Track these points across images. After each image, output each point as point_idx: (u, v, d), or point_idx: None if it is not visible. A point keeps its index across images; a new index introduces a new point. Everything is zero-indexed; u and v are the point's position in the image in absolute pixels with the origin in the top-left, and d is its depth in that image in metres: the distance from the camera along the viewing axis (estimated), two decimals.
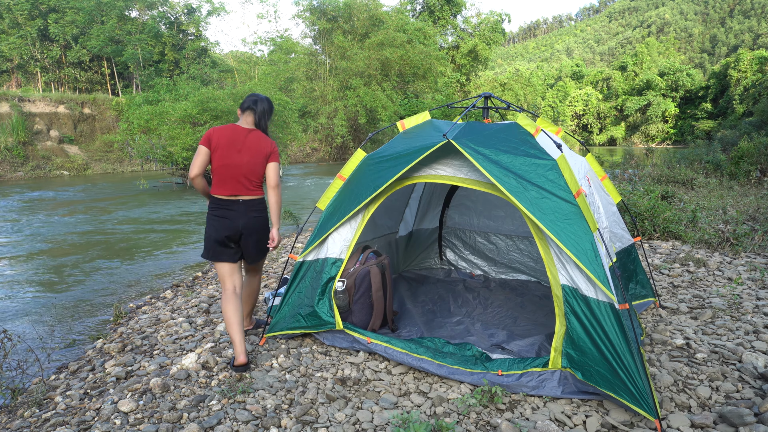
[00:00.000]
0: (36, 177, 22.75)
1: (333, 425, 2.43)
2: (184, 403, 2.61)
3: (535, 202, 2.61)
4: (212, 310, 4.19)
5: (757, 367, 2.84)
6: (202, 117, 17.31)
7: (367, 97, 29.53)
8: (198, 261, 6.78)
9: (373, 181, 3.11)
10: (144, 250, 7.52)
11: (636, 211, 6.40)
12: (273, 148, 3.06)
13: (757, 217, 6.94)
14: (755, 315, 3.68)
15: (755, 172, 11.33)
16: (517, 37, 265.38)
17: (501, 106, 3.72)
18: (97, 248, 7.75)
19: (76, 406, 2.73)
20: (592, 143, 67.98)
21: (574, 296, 2.55)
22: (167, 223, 10.12)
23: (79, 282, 5.86)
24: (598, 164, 3.72)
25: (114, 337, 3.89)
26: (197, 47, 34.26)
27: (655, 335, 3.35)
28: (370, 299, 3.38)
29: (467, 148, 2.79)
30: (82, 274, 6.20)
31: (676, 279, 4.69)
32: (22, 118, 24.71)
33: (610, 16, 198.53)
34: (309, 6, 33.06)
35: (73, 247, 7.84)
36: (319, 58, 34.39)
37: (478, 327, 3.57)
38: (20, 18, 29.10)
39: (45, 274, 6.24)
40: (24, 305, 5.05)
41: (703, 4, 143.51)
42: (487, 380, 2.67)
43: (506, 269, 4.93)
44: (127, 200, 14.01)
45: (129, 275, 6.14)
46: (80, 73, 32.29)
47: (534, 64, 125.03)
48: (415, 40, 33.28)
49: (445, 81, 37.00)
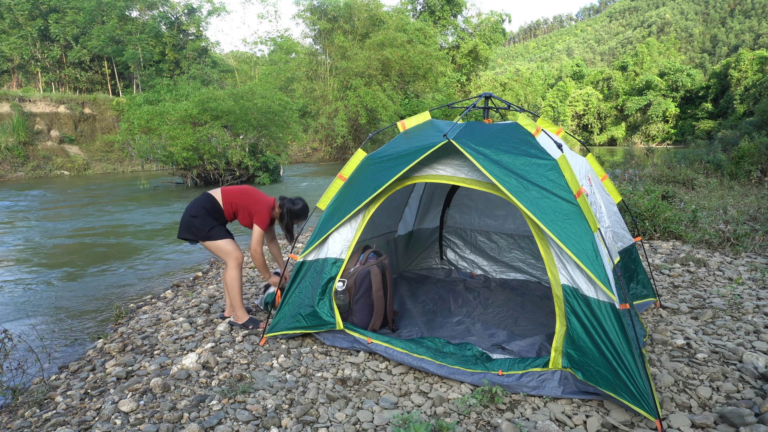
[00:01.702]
0: (36, 177, 22.77)
1: (333, 425, 2.43)
2: (185, 403, 2.61)
3: (536, 201, 2.61)
4: (212, 310, 4.19)
5: (758, 367, 2.84)
6: (203, 117, 17.32)
7: (368, 97, 29.53)
8: (198, 261, 6.78)
9: (374, 181, 3.11)
10: (144, 250, 7.52)
11: (636, 211, 6.40)
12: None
13: (758, 217, 6.94)
14: (756, 315, 3.68)
15: (756, 172, 11.32)
16: (517, 37, 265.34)
17: (501, 106, 3.72)
18: (97, 248, 7.75)
19: (76, 405, 2.73)
20: (593, 143, 67.96)
21: (574, 296, 2.55)
22: (167, 223, 10.13)
23: (79, 282, 5.87)
24: (598, 164, 3.72)
25: (114, 337, 3.89)
26: (198, 47, 34.28)
27: (656, 335, 3.34)
28: (370, 299, 3.38)
29: (468, 148, 2.79)
30: (82, 274, 6.20)
31: (676, 279, 4.69)
32: (23, 118, 24.73)
33: (611, 16, 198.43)
34: (309, 6, 33.07)
35: (74, 247, 7.84)
36: (319, 58, 34.39)
37: (478, 327, 3.57)
38: (21, 18, 29.11)
39: (45, 274, 6.24)
40: (24, 305, 5.05)
41: (703, 4, 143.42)
42: (488, 380, 2.67)
43: (507, 268, 4.93)
44: (128, 200, 14.02)
45: (129, 275, 6.14)
46: (81, 73, 32.31)
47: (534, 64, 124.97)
48: (415, 40, 33.26)
49: (446, 81, 36.99)
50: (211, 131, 16.50)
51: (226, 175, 17.70)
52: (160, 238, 8.49)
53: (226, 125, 17.72)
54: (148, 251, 7.46)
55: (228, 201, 3.64)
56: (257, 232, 3.56)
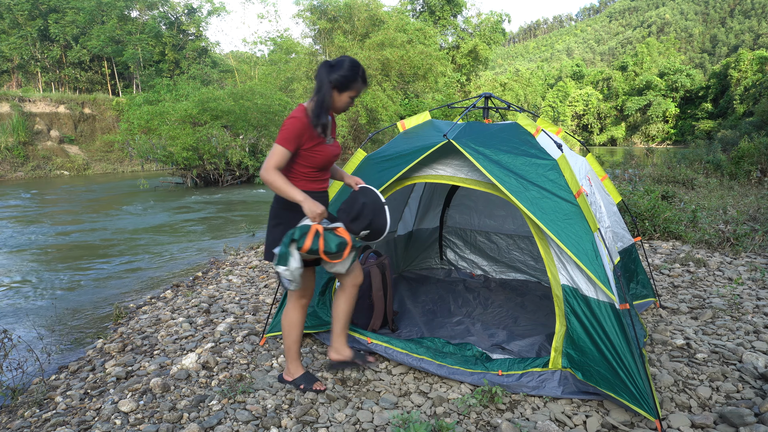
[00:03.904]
0: (36, 177, 22.77)
1: (333, 425, 2.43)
2: (185, 403, 2.61)
3: (536, 201, 2.61)
4: (212, 310, 4.19)
5: (758, 367, 2.84)
6: (203, 117, 17.33)
7: (368, 97, 29.53)
8: (198, 261, 6.78)
9: (374, 181, 3.11)
10: (144, 250, 7.52)
11: (636, 211, 6.40)
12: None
13: (758, 217, 6.94)
14: (755, 315, 3.68)
15: (755, 172, 11.32)
16: (517, 37, 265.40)
17: (501, 106, 3.72)
18: (97, 248, 7.75)
19: (76, 406, 2.73)
20: (593, 143, 67.98)
21: (574, 296, 2.55)
22: (167, 223, 10.13)
23: (79, 282, 5.86)
24: (598, 164, 3.72)
25: (114, 337, 3.89)
26: (197, 47, 34.29)
27: (656, 335, 3.34)
28: (370, 299, 3.38)
29: (468, 148, 2.79)
30: (82, 274, 6.20)
31: (676, 279, 4.69)
32: (23, 118, 24.74)
33: (611, 16, 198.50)
34: (309, 6, 33.08)
35: (73, 247, 7.84)
36: (319, 58, 34.38)
37: (478, 327, 3.57)
38: (20, 18, 29.12)
39: (44, 274, 6.24)
40: (24, 305, 5.05)
41: (703, 4, 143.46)
42: (488, 380, 2.67)
43: (507, 268, 4.93)
44: (128, 200, 14.02)
45: (129, 275, 6.14)
46: (80, 73, 32.32)
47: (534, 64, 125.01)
48: (415, 40, 33.28)
49: (446, 81, 36.98)
50: (211, 131, 16.51)
51: (226, 175, 17.70)
52: (159, 238, 8.48)
53: (226, 125, 17.73)
54: (148, 251, 7.46)
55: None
56: (275, 152, 2.38)
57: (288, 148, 2.38)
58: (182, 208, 12.21)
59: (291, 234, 2.34)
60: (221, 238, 8.36)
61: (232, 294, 4.65)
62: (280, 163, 2.39)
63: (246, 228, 9.21)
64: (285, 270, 2.31)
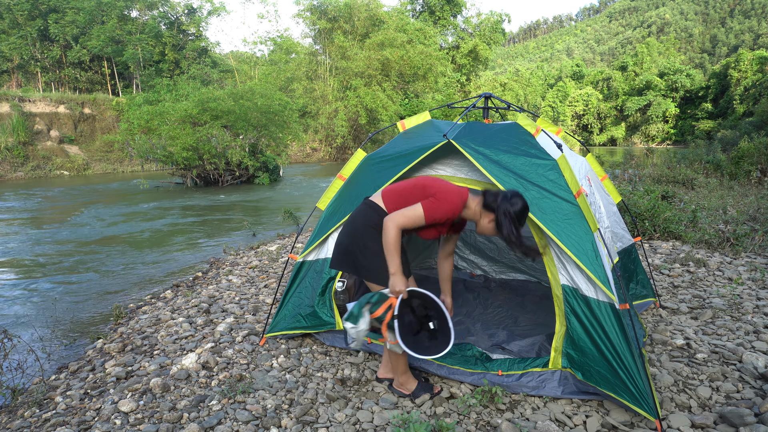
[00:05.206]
0: (36, 177, 22.77)
1: (333, 425, 2.43)
2: (184, 403, 2.61)
3: (536, 202, 2.61)
4: (212, 311, 4.19)
5: (758, 367, 2.84)
6: (203, 117, 17.34)
7: (368, 98, 29.56)
8: (198, 261, 6.78)
9: (374, 181, 3.11)
10: (144, 250, 7.52)
11: (636, 211, 6.40)
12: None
13: (758, 217, 6.94)
14: (755, 315, 3.68)
15: (755, 172, 11.31)
16: (517, 37, 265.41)
17: (501, 106, 3.72)
18: (96, 248, 7.74)
19: (76, 406, 2.73)
20: (593, 143, 67.98)
21: (574, 296, 2.55)
22: (167, 223, 10.13)
23: (78, 282, 5.86)
24: (598, 164, 3.72)
25: (114, 337, 3.89)
26: (197, 47, 34.30)
27: (656, 335, 3.34)
28: None
29: (467, 148, 2.79)
30: (81, 274, 6.20)
31: (676, 279, 4.69)
32: (23, 118, 24.73)
33: (611, 16, 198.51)
34: (309, 6, 33.10)
35: (73, 247, 7.83)
36: (319, 58, 34.41)
37: (478, 327, 3.57)
38: (20, 18, 29.12)
39: (44, 274, 6.24)
40: (24, 305, 5.05)
41: (703, 4, 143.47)
42: (488, 380, 2.67)
43: (506, 269, 4.93)
44: (127, 200, 14.02)
45: (129, 275, 6.14)
46: (80, 73, 32.32)
47: (534, 64, 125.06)
48: (415, 40, 33.31)
49: (446, 81, 37.02)
50: (211, 131, 16.52)
51: (226, 175, 17.71)
52: (159, 238, 8.49)
53: (226, 125, 17.73)
54: (148, 251, 7.46)
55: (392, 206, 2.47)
56: (414, 214, 2.32)
57: (426, 222, 2.35)
58: (182, 208, 12.21)
59: (370, 297, 2.37)
60: (221, 238, 8.36)
61: (232, 294, 4.65)
62: (409, 228, 2.35)
63: (248, 225, 9.22)
64: (352, 328, 2.35)
